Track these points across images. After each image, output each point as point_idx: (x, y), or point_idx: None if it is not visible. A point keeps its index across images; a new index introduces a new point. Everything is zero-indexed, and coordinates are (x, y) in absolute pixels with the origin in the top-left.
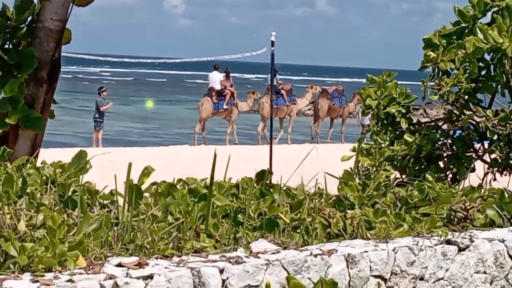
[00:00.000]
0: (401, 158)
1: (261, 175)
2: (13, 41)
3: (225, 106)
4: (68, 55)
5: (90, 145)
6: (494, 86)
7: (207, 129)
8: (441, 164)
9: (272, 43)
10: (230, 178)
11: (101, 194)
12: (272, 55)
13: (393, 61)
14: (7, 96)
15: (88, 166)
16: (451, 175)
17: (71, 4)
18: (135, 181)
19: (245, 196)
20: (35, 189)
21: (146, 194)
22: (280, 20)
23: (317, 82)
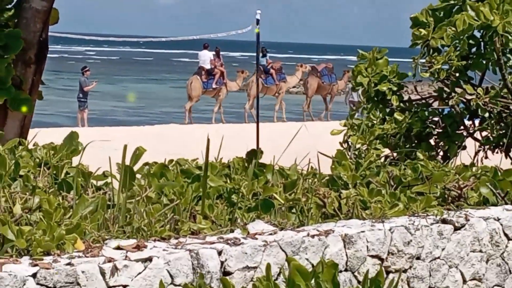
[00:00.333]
0: (391, 137)
1: (252, 155)
2: (0, 22)
3: (214, 86)
4: (53, 34)
5: (76, 125)
6: (484, 63)
7: (192, 107)
8: (432, 142)
9: (257, 22)
10: (221, 158)
11: (95, 175)
12: (258, 35)
13: (376, 39)
14: None
15: (80, 148)
16: (442, 153)
17: None
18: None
19: (238, 176)
20: (29, 171)
21: (138, 175)
22: None
23: (303, 60)
